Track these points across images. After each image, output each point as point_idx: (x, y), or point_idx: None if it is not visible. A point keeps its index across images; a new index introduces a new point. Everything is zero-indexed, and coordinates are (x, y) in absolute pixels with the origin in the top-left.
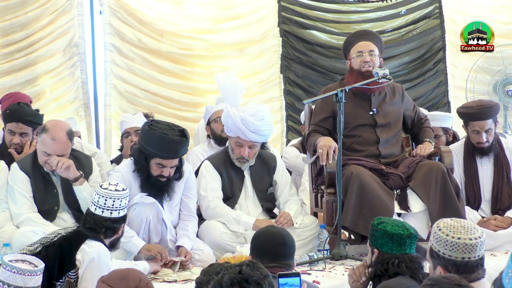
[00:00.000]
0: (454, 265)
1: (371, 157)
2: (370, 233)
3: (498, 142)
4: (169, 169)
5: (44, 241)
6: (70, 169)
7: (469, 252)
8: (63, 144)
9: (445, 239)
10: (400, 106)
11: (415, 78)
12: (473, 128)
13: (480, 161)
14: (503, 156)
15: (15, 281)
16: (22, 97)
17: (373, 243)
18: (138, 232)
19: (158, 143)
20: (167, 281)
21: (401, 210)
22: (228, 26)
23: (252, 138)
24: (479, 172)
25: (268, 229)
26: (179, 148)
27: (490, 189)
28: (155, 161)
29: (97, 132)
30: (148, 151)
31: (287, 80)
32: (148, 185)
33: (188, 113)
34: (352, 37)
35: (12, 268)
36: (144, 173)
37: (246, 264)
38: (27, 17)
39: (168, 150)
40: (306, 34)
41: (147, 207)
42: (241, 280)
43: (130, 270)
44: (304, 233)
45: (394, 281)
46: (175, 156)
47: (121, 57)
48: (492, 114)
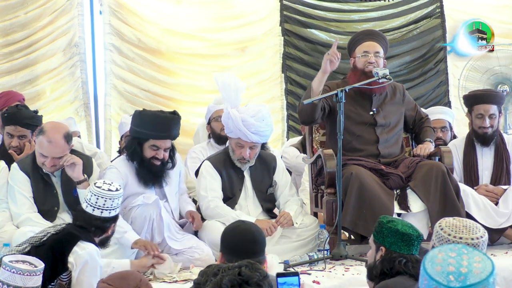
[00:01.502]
0: None
1: (370, 156)
2: (376, 230)
3: (500, 135)
4: (163, 151)
5: (33, 241)
6: (76, 168)
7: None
8: (59, 146)
9: (447, 238)
10: (401, 106)
11: (416, 78)
12: (477, 112)
13: (481, 152)
14: (504, 149)
15: (14, 281)
16: (15, 96)
17: (380, 241)
18: (141, 231)
19: (151, 123)
20: (167, 281)
21: (401, 210)
22: (229, 25)
23: (253, 139)
24: (478, 162)
25: (238, 226)
26: (172, 126)
27: (489, 180)
28: (149, 144)
29: (97, 132)
30: (141, 134)
31: (289, 80)
32: (143, 171)
33: (188, 113)
34: (358, 35)
35: (12, 268)
36: (137, 158)
37: (245, 265)
38: (27, 17)
39: (161, 129)
40: (308, 33)
41: (150, 207)
42: (241, 282)
43: (130, 271)
44: (304, 233)
45: (393, 281)
46: (169, 134)
47: (121, 57)
48: (497, 100)
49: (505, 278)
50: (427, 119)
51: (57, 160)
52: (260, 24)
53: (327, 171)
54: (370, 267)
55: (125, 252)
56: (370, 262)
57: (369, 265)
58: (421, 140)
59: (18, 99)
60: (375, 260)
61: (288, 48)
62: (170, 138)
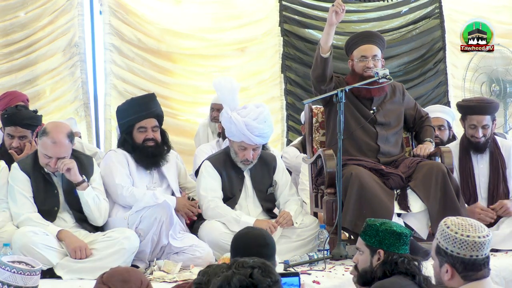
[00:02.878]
0: (462, 263)
1: (370, 152)
2: (369, 234)
3: (494, 141)
4: (151, 131)
5: None
6: (71, 172)
7: (477, 250)
8: (64, 146)
9: (454, 236)
10: (401, 105)
11: (415, 78)
12: (470, 122)
13: (476, 159)
14: (498, 154)
15: (15, 281)
16: (19, 96)
17: (376, 245)
18: (149, 231)
19: (130, 109)
20: (167, 281)
21: (401, 210)
22: (229, 25)
23: (257, 142)
24: (474, 170)
25: (249, 231)
26: (149, 103)
27: (486, 187)
28: (136, 129)
29: (97, 132)
30: (125, 123)
31: (288, 80)
32: (140, 156)
33: (188, 113)
34: (356, 38)
35: (12, 268)
36: (129, 146)
37: (259, 266)
38: (27, 17)
39: (140, 109)
40: (307, 33)
41: (161, 209)
42: (250, 284)
43: (130, 271)
44: (304, 233)
45: (388, 280)
46: (150, 112)
47: (121, 57)
48: (491, 110)
49: (505, 278)
50: (427, 118)
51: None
52: (260, 24)
53: (327, 171)
54: (365, 272)
55: (125, 252)
56: (365, 267)
57: (364, 270)
58: (421, 140)
59: (22, 99)
60: (371, 264)
61: (287, 48)
62: (153, 115)
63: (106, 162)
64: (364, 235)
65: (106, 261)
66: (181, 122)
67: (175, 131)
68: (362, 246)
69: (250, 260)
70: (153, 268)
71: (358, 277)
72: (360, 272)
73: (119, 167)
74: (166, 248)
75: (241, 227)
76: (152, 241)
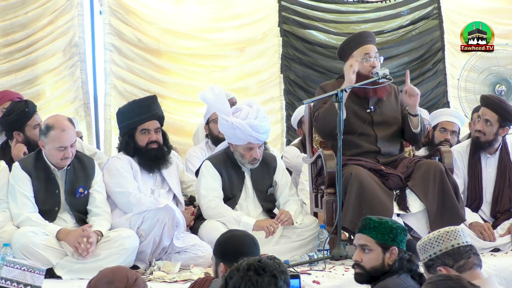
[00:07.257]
0: (448, 256)
1: (370, 153)
2: (381, 232)
3: (505, 146)
4: (154, 133)
5: None
6: (93, 245)
7: (454, 238)
8: (72, 130)
9: (428, 241)
10: (397, 106)
11: (414, 79)
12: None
13: (485, 162)
14: (507, 160)
15: (24, 278)
16: (12, 95)
17: (390, 242)
18: (150, 232)
19: (132, 111)
20: (167, 281)
21: (400, 211)
22: (229, 25)
23: (263, 139)
24: (482, 174)
25: (234, 233)
26: (151, 105)
27: (492, 191)
28: (138, 132)
29: (97, 132)
30: (127, 126)
31: (287, 80)
32: (143, 159)
33: (188, 113)
34: (356, 38)
35: (22, 266)
36: (131, 149)
37: (268, 257)
38: (27, 17)
39: (142, 111)
40: (306, 34)
41: (164, 211)
42: (258, 267)
43: (115, 271)
44: (304, 233)
45: (391, 281)
46: (152, 114)
47: (121, 57)
48: (499, 110)
49: (505, 278)
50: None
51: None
52: (259, 24)
53: (327, 171)
54: (375, 270)
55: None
56: (375, 265)
57: (374, 268)
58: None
59: (12, 98)
60: (383, 261)
61: (286, 48)
62: (155, 118)
63: (110, 170)
64: (373, 233)
65: (106, 261)
66: (181, 122)
67: (175, 131)
68: (371, 243)
69: (264, 257)
70: (153, 268)
71: (365, 275)
72: (368, 270)
73: (125, 174)
74: (168, 248)
75: (241, 227)
76: (154, 242)
